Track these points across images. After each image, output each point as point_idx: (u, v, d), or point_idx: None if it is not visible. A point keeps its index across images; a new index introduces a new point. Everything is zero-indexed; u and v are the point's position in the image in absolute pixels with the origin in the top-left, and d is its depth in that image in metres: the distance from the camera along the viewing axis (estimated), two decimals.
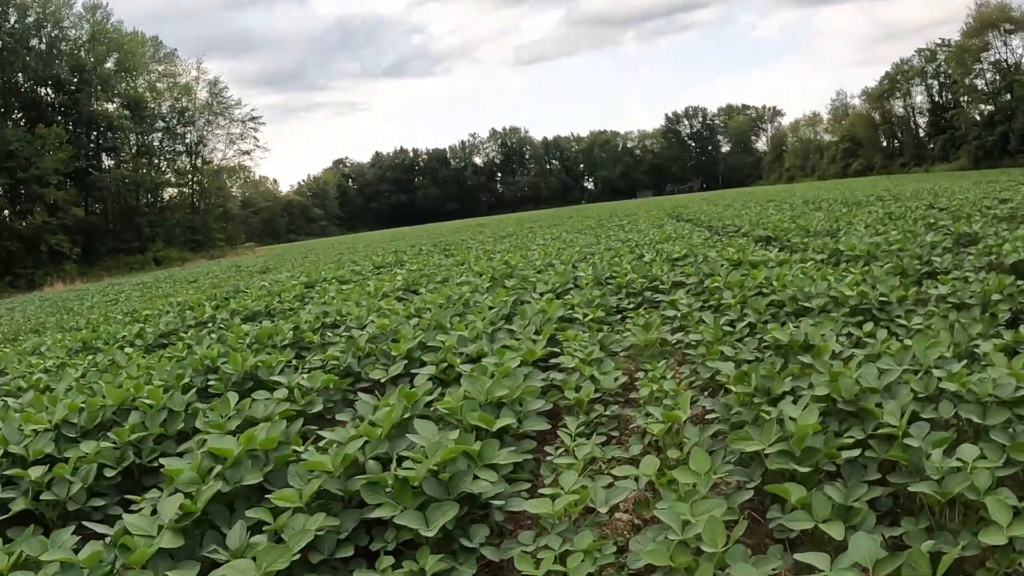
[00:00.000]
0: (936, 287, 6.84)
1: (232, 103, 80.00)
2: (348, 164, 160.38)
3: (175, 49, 75.72)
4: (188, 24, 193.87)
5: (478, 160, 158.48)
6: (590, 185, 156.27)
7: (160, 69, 74.48)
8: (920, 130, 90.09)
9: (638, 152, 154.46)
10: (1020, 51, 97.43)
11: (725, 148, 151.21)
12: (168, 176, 74.51)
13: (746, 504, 3.42)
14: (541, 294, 9.13)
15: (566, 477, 3.53)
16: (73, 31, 66.13)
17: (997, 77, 71.12)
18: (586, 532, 3.12)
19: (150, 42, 73.09)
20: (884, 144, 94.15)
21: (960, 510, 3.02)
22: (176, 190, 77.10)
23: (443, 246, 25.47)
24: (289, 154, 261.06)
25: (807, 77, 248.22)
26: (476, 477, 3.55)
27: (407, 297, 10.98)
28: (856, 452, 3.28)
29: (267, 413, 4.81)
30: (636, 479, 3.58)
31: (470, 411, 4.27)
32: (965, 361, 3.98)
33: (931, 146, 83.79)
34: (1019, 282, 7.55)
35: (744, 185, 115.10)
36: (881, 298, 6.24)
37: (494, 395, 4.53)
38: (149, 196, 72.22)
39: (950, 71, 79.28)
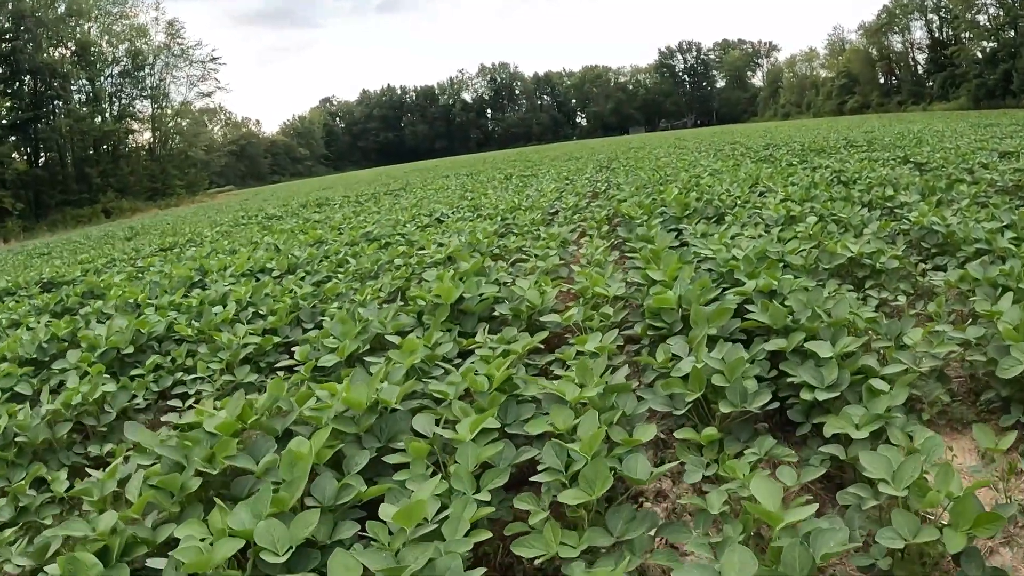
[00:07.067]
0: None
1: (191, 44, 76.15)
2: (335, 103, 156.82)
3: None
4: None
5: (467, 96, 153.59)
6: (582, 121, 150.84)
7: (115, 11, 69.64)
8: (919, 67, 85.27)
9: (631, 87, 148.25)
10: None
11: (720, 84, 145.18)
12: (121, 123, 69.96)
13: None
14: None
15: None
16: None
17: (1000, 12, 66.41)
18: None
19: None
20: (881, 81, 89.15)
21: None
22: (136, 137, 73.29)
23: (318, 201, 21.28)
24: (277, 94, 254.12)
25: (805, 10, 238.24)
26: None
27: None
28: None
29: None
30: None
31: None
32: None
33: (930, 84, 79.13)
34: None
35: (738, 121, 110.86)
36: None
37: None
38: (105, 145, 67.50)
39: (951, 5, 74.42)
